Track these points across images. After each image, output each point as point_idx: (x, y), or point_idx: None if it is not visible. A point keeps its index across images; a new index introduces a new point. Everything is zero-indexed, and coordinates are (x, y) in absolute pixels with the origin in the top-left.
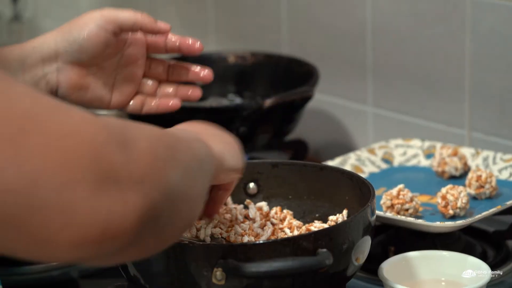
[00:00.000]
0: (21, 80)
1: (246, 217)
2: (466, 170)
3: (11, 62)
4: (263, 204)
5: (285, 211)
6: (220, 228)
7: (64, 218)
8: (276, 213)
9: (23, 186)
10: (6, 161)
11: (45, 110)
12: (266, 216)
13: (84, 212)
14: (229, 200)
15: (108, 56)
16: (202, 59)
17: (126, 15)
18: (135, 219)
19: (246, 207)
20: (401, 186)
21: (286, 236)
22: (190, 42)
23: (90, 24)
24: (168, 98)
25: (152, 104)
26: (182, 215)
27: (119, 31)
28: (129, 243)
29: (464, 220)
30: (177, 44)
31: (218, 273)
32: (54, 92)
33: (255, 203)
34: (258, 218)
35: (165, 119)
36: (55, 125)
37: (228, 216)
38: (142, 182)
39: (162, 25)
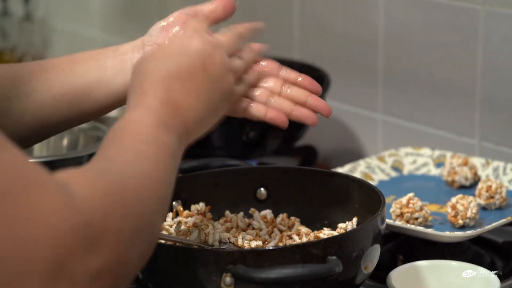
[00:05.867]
0: (110, 63)
1: (249, 225)
2: (476, 180)
3: (107, 51)
4: (267, 212)
5: (292, 218)
6: (228, 232)
7: None
8: (283, 219)
9: None
10: None
11: (20, 189)
12: (272, 223)
13: None
14: (227, 212)
15: None
16: None
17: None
18: None
19: (248, 215)
20: (411, 194)
21: (295, 242)
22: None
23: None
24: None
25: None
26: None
27: None
28: None
29: (473, 230)
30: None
31: (227, 278)
32: None
33: (264, 209)
34: (263, 226)
35: None
36: (23, 209)
37: (228, 224)
38: (99, 277)
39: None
